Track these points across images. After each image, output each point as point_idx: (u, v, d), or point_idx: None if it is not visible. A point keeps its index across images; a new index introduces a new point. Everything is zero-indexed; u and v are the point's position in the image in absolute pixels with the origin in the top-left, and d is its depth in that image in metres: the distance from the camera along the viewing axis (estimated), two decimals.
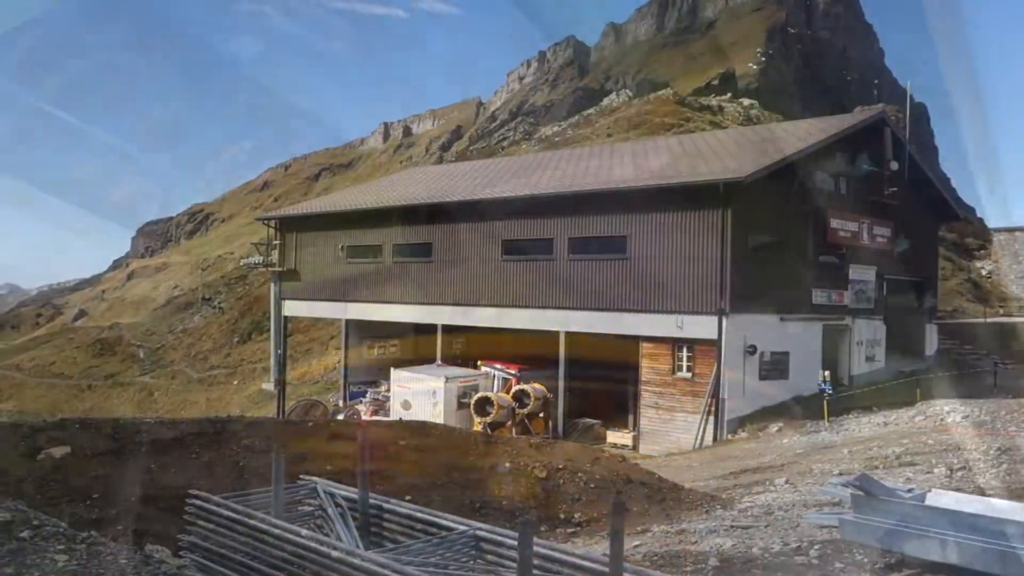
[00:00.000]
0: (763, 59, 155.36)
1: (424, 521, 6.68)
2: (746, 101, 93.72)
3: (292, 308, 41.30)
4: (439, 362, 33.16)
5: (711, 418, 25.94)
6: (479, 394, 28.51)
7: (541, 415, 28.78)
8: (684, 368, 26.87)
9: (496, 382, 30.63)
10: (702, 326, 26.05)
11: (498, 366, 31.29)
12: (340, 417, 30.90)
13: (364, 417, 31.97)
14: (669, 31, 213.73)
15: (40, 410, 73.79)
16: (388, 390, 33.23)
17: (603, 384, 31.75)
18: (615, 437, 28.35)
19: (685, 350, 26.88)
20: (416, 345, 39.52)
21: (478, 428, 25.60)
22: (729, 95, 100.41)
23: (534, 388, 28.44)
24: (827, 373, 26.61)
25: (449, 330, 34.72)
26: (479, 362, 32.21)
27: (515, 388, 28.94)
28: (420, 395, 29.67)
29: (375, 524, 7.00)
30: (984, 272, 62.46)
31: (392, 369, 32.85)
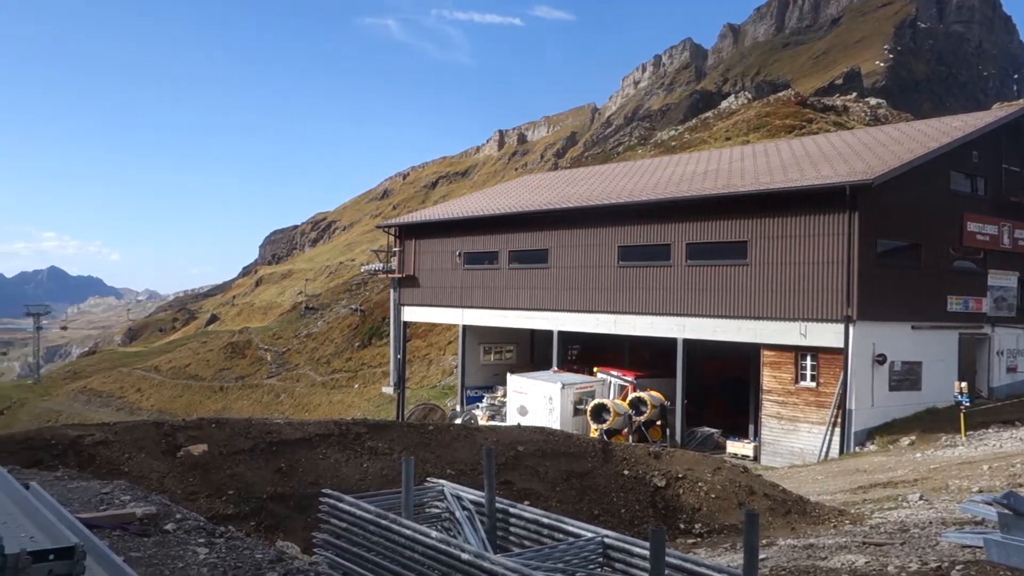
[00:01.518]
0: (891, 56, 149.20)
1: (550, 527, 6.68)
2: (873, 100, 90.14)
3: (411, 314, 42.18)
4: (555, 368, 33.21)
5: (837, 429, 25.06)
6: (595, 401, 28.40)
7: (658, 423, 28.43)
8: (808, 377, 26.06)
9: (612, 389, 30.43)
10: (827, 334, 25.21)
11: (615, 373, 31.10)
12: (458, 421, 31.33)
13: (481, 422, 32.33)
14: (790, 30, 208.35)
15: (177, 409, 77.97)
16: (504, 395, 33.51)
17: (722, 392, 31.16)
18: (735, 447, 27.70)
19: (809, 359, 26.07)
20: (532, 351, 39.80)
21: (594, 435, 25.48)
22: (854, 95, 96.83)
23: (651, 395, 28.12)
24: (964, 384, 25.24)
25: (565, 336, 34.76)
26: (595, 368, 32.09)
27: (631, 395, 28.67)
28: (536, 401, 29.77)
29: (501, 528, 7.05)
30: None
31: (508, 374, 33.12)
